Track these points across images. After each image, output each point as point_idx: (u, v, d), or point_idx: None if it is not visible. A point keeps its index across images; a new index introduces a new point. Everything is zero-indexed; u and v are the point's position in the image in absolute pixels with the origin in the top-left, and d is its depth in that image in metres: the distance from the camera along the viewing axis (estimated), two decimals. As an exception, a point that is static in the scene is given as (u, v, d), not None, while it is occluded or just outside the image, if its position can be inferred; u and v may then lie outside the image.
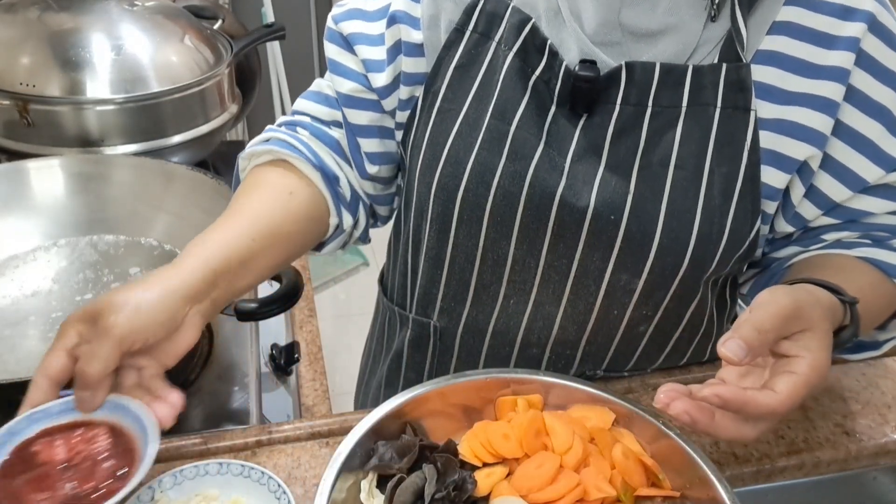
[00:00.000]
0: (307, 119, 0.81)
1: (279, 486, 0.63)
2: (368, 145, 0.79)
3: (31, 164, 1.05)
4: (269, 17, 2.45)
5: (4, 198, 1.03)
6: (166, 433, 0.75)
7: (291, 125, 0.80)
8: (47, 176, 1.06)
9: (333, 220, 0.78)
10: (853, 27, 0.66)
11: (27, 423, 0.60)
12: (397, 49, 0.75)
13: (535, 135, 0.69)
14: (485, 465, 0.62)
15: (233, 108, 1.31)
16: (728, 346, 0.53)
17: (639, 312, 0.74)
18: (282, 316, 1.07)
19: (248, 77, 1.47)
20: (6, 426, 0.59)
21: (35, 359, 0.84)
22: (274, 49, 2.55)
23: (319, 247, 0.82)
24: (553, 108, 0.70)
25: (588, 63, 0.68)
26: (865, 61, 0.67)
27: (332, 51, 0.79)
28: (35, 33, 1.15)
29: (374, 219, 0.89)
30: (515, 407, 0.66)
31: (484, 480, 0.60)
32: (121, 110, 1.14)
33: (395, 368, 0.89)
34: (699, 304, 0.76)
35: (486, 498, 0.60)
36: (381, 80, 0.76)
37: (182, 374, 0.91)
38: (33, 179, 1.05)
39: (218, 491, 0.64)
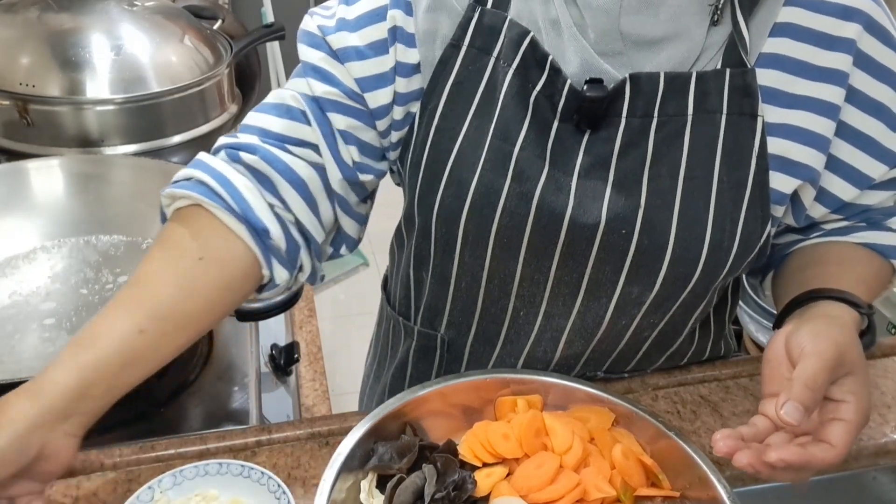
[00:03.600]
0: (256, 140, 0.70)
1: (279, 486, 0.63)
2: (350, 152, 0.73)
3: (31, 164, 1.05)
4: (269, 17, 2.44)
5: (4, 198, 1.02)
6: (166, 433, 0.75)
7: (234, 150, 0.69)
8: (47, 176, 1.06)
9: (266, 272, 0.69)
10: (851, 28, 0.65)
11: None
12: (394, 70, 0.71)
13: (539, 155, 0.68)
14: (485, 465, 0.62)
15: (232, 109, 1.31)
16: (787, 410, 0.55)
17: (646, 321, 0.73)
18: (281, 316, 1.07)
19: (247, 77, 1.47)
20: None
21: (34, 359, 0.85)
22: (274, 49, 2.54)
23: (259, 290, 0.72)
24: (556, 125, 0.68)
25: (595, 82, 0.66)
26: (863, 61, 0.67)
27: (315, 56, 0.72)
28: (35, 33, 1.15)
29: (338, 244, 0.79)
30: (515, 407, 0.66)
31: (484, 480, 0.60)
32: (120, 110, 1.14)
33: (400, 378, 0.88)
34: (704, 308, 0.76)
35: (486, 498, 0.60)
36: (380, 98, 0.71)
37: (182, 375, 0.91)
38: (33, 179, 1.05)
39: (217, 491, 0.64)
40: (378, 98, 0.71)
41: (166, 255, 0.66)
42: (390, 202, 0.86)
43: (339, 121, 0.71)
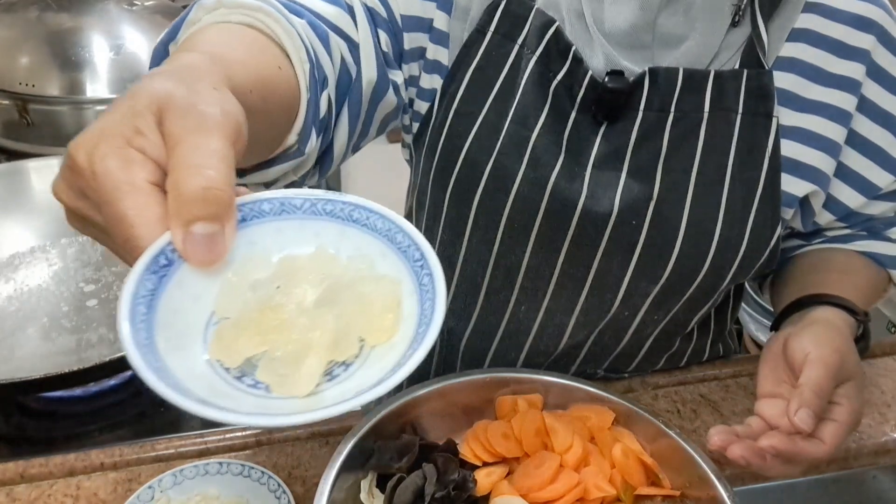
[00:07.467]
0: (304, 10, 0.61)
1: (279, 485, 0.63)
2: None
3: (31, 164, 1.05)
4: (269, 16, 2.45)
5: (4, 198, 1.03)
6: (166, 433, 0.75)
7: (286, 6, 0.58)
8: (47, 176, 1.06)
9: (293, 138, 0.56)
10: (865, 39, 0.67)
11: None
12: (430, 26, 0.70)
13: (555, 142, 0.68)
14: (485, 464, 0.62)
15: (232, 108, 1.31)
16: (801, 417, 0.57)
17: (649, 316, 0.73)
18: (282, 316, 1.07)
19: (247, 77, 1.47)
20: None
21: (34, 357, 0.85)
22: (273, 49, 2.55)
23: (266, 164, 0.58)
24: (574, 115, 0.69)
25: (616, 74, 0.67)
26: (876, 72, 0.68)
27: None
28: (34, 33, 1.15)
29: (324, 165, 0.68)
30: (516, 406, 0.66)
31: (484, 480, 0.60)
32: (120, 110, 1.14)
33: None
34: (707, 309, 0.77)
35: (486, 497, 0.60)
36: (415, 41, 0.70)
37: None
38: (33, 179, 1.05)
39: (218, 490, 0.64)
40: (414, 40, 0.70)
41: (250, 45, 0.53)
42: (396, 200, 0.86)
43: (382, 40, 0.67)
